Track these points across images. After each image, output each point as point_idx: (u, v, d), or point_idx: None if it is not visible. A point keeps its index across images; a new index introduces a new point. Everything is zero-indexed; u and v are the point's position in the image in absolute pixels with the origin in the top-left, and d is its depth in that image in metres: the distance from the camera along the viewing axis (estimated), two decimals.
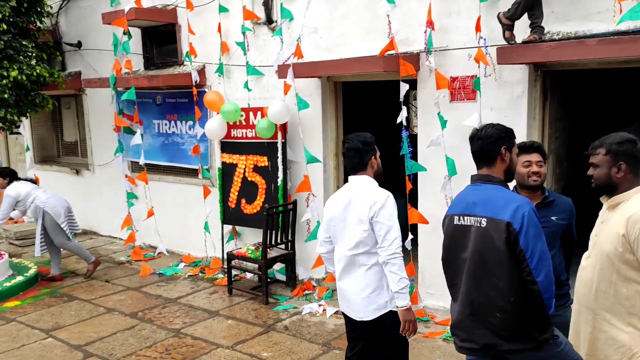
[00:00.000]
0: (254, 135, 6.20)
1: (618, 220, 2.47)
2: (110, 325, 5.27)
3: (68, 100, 9.11)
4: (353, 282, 3.23)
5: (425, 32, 4.87)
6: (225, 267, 6.25)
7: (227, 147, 6.52)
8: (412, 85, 5.29)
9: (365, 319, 3.21)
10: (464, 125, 4.75)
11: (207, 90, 6.64)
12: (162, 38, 7.39)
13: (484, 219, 2.54)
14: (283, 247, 6.04)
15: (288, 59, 5.76)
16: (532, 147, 3.11)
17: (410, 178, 5.05)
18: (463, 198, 2.71)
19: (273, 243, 5.87)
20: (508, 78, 4.62)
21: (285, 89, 5.87)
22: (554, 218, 3.04)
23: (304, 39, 5.64)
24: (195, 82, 6.63)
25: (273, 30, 6.05)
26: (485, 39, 4.59)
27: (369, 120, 7.80)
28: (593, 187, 2.63)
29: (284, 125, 5.99)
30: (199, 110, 6.74)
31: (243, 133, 6.35)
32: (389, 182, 3.77)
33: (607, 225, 2.55)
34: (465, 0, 4.74)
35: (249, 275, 6.46)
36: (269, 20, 6.10)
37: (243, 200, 6.44)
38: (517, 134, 2.83)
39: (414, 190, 5.19)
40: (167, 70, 7.13)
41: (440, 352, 4.52)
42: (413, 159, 5.05)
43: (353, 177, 3.27)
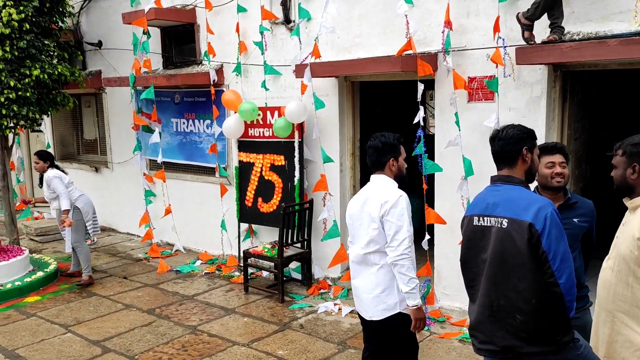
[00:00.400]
0: (271, 135, 6.23)
1: (635, 223, 2.45)
2: (128, 321, 5.34)
3: (88, 99, 9.25)
4: (365, 280, 3.23)
5: (443, 32, 4.86)
6: (242, 265, 6.29)
7: (244, 146, 6.57)
8: (428, 86, 5.28)
9: (374, 319, 3.20)
10: (482, 126, 4.73)
11: (224, 90, 6.68)
12: (181, 38, 7.46)
13: (505, 220, 2.53)
14: (299, 245, 6.07)
15: (305, 59, 5.78)
16: (554, 148, 3.09)
17: (425, 178, 5.04)
18: (483, 198, 2.69)
19: (289, 242, 5.89)
20: (527, 78, 4.59)
21: (303, 89, 5.90)
22: (576, 220, 3.01)
23: (322, 39, 5.67)
24: (213, 81, 6.69)
25: (291, 30, 6.08)
26: (504, 39, 4.56)
27: (386, 120, 7.79)
28: (614, 188, 2.60)
29: (301, 125, 6.01)
30: (217, 109, 6.80)
31: (260, 132, 6.38)
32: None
33: (626, 228, 2.53)
34: (484, 0, 4.72)
35: (265, 274, 6.50)
36: (287, 20, 6.13)
37: (260, 199, 6.48)
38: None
39: (430, 191, 5.18)
40: (185, 70, 7.20)
41: (456, 353, 4.50)
42: (429, 159, 5.04)
43: (373, 175, 3.27)
